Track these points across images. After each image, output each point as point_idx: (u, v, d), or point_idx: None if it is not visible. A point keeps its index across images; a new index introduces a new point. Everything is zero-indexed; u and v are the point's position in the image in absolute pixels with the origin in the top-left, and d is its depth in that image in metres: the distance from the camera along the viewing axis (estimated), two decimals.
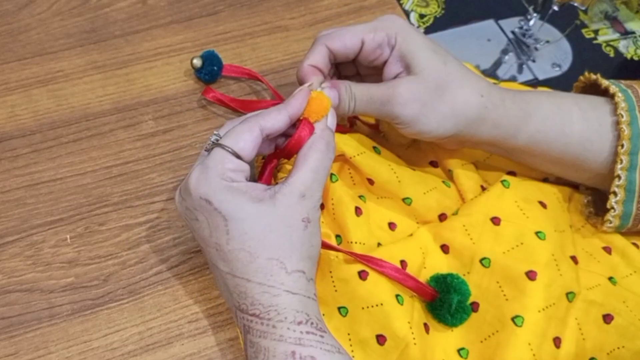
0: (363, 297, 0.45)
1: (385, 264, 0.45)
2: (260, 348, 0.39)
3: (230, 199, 0.41)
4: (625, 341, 0.45)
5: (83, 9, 0.64)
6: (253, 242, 0.40)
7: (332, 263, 0.46)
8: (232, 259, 0.41)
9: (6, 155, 0.54)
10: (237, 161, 0.42)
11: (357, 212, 0.48)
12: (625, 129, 0.46)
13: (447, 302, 0.45)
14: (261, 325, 0.40)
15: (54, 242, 0.50)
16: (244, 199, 0.41)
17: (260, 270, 0.40)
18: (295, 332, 0.39)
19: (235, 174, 0.42)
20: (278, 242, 0.41)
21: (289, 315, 0.39)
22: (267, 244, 0.41)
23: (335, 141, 0.50)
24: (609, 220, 0.48)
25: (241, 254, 0.41)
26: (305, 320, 0.40)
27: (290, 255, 0.41)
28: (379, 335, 0.44)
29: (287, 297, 0.40)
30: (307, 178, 0.42)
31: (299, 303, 0.40)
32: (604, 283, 0.47)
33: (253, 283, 0.40)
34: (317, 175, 0.43)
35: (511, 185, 0.50)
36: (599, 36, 0.67)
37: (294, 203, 0.41)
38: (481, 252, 0.47)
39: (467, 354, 0.46)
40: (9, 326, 0.46)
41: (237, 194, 0.41)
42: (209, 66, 0.58)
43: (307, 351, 0.38)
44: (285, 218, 0.41)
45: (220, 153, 0.42)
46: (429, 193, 0.51)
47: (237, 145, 0.42)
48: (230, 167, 0.42)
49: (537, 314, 0.44)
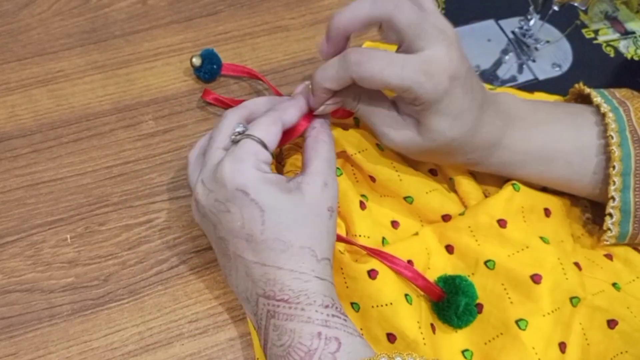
0: (372, 296, 0.45)
1: (398, 260, 0.45)
2: (286, 330, 0.40)
3: (265, 189, 0.42)
4: (629, 346, 0.45)
5: (83, 9, 0.64)
6: (287, 232, 0.42)
7: (343, 260, 0.46)
8: (264, 248, 0.42)
9: (6, 155, 0.54)
10: (266, 152, 0.43)
11: (361, 206, 0.48)
12: (616, 150, 0.46)
13: (454, 304, 0.45)
14: (289, 309, 0.41)
15: (54, 242, 0.50)
16: (277, 190, 0.42)
17: (293, 257, 0.41)
18: (323, 314, 0.40)
19: (266, 166, 0.43)
20: (309, 231, 0.42)
21: (317, 299, 0.41)
22: (300, 233, 0.42)
23: (337, 137, 0.51)
24: (604, 240, 0.49)
25: (275, 243, 0.42)
26: (331, 304, 0.41)
27: (319, 243, 0.42)
28: (389, 333, 0.44)
29: (317, 283, 0.41)
30: (324, 167, 0.44)
31: (327, 288, 0.42)
32: (608, 289, 0.47)
33: (284, 270, 0.41)
34: (331, 164, 0.45)
35: (521, 189, 0.49)
36: (599, 36, 0.67)
37: (319, 193, 0.43)
38: (486, 254, 0.47)
39: (472, 356, 0.46)
40: (9, 326, 0.46)
41: (271, 184, 0.42)
42: (208, 65, 0.58)
43: (332, 332, 0.39)
44: (314, 208, 0.43)
45: (251, 144, 0.43)
46: (431, 193, 0.51)
47: (267, 137, 0.44)
48: (262, 158, 0.43)
49: (542, 318, 0.44)
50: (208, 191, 0.43)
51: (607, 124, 0.47)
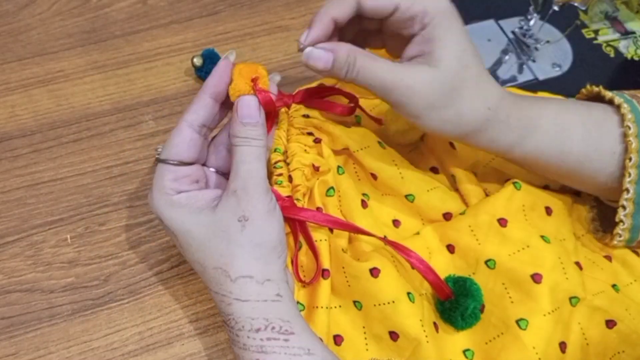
0: (375, 295, 0.45)
1: (411, 252, 0.45)
2: (236, 355, 0.40)
3: (172, 214, 0.41)
4: (626, 347, 0.45)
5: (83, 9, 0.64)
6: (199, 254, 0.41)
7: (345, 259, 0.46)
8: (194, 269, 0.42)
9: (6, 155, 0.54)
10: (176, 169, 0.42)
11: (363, 205, 0.49)
12: (633, 141, 0.45)
13: (462, 306, 0.45)
14: (230, 333, 0.40)
15: (54, 242, 0.50)
16: (184, 212, 0.41)
17: (212, 280, 0.41)
18: (256, 340, 0.39)
19: (177, 183, 0.42)
20: (218, 249, 0.40)
21: (245, 324, 0.39)
22: (209, 253, 0.40)
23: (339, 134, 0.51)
24: (618, 234, 0.47)
25: (195, 265, 0.42)
26: (264, 326, 0.39)
27: (231, 261, 0.40)
28: (391, 332, 0.44)
29: (238, 306, 0.40)
30: (239, 172, 0.41)
31: (252, 310, 0.39)
32: (608, 290, 0.47)
33: (212, 292, 0.41)
34: (247, 166, 0.41)
35: (522, 187, 0.49)
36: (599, 36, 0.67)
37: (228, 204, 0.40)
38: (486, 254, 0.47)
39: (473, 355, 0.46)
40: (9, 326, 0.46)
41: (177, 207, 0.41)
42: (209, 65, 0.58)
43: (270, 358, 0.38)
44: (222, 223, 0.40)
45: (159, 168, 0.43)
46: (432, 191, 0.51)
47: (170, 153, 0.42)
48: (170, 177, 0.42)
49: (543, 317, 0.44)
50: None
51: (623, 115, 0.45)
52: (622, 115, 0.46)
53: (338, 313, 0.46)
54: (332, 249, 0.47)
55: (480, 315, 0.46)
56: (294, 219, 0.46)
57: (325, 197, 0.48)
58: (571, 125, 0.46)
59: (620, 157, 0.46)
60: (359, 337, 0.45)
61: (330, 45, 0.43)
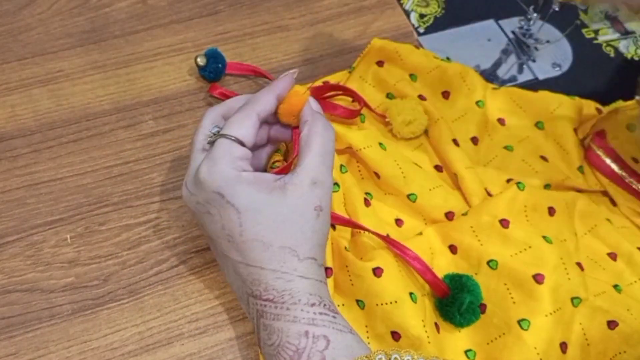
0: (377, 294, 0.45)
1: (409, 251, 0.46)
2: (274, 330, 0.40)
3: (241, 190, 0.41)
4: (628, 347, 0.45)
5: (83, 9, 0.64)
6: (266, 232, 0.41)
7: (348, 258, 0.46)
8: (245, 249, 0.42)
9: (6, 155, 0.54)
10: (242, 149, 0.43)
11: (365, 204, 0.49)
12: None
13: (458, 301, 0.45)
14: (275, 308, 0.40)
15: (54, 242, 0.50)
16: (255, 190, 0.42)
17: (274, 258, 0.41)
18: (309, 313, 0.40)
19: (243, 162, 0.43)
20: (290, 231, 0.41)
21: (302, 298, 0.40)
22: (280, 234, 0.41)
23: (342, 133, 0.51)
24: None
25: (255, 243, 0.41)
26: (318, 302, 0.40)
27: (302, 243, 0.42)
28: (393, 331, 0.44)
29: (300, 282, 0.41)
30: (314, 164, 0.43)
31: (312, 287, 0.41)
32: (609, 290, 0.47)
33: (267, 270, 0.41)
34: (324, 159, 0.43)
35: (526, 188, 0.49)
36: (599, 36, 0.67)
37: (305, 192, 0.42)
38: (488, 254, 0.47)
39: (475, 356, 0.46)
40: (9, 326, 0.46)
41: (248, 184, 0.42)
42: (213, 64, 0.58)
43: (320, 331, 0.39)
44: (298, 208, 0.42)
45: (226, 143, 0.43)
46: (434, 190, 0.51)
47: (240, 133, 0.43)
48: (238, 155, 0.43)
49: (545, 318, 0.44)
50: (190, 194, 0.44)
51: None
52: None
53: (341, 311, 0.46)
54: (334, 247, 0.47)
55: (479, 312, 0.46)
56: None
57: None
58: None
59: None
60: (362, 336, 0.45)
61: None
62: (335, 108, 0.52)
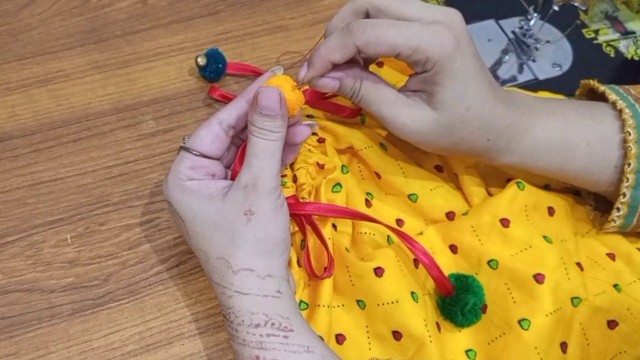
0: (378, 294, 0.45)
1: (417, 245, 0.46)
2: (234, 351, 0.40)
3: (181, 198, 0.42)
4: (628, 347, 0.45)
5: (83, 9, 0.64)
6: (204, 242, 0.41)
7: (349, 258, 0.46)
8: (197, 257, 0.43)
9: (6, 155, 0.54)
10: (195, 158, 0.43)
11: (366, 204, 0.49)
12: (633, 147, 0.45)
13: (462, 301, 0.45)
14: (229, 328, 0.40)
15: (55, 242, 0.50)
16: (194, 197, 0.42)
17: (214, 270, 0.41)
18: (255, 335, 0.38)
19: (193, 171, 0.43)
20: (223, 240, 0.40)
21: (245, 319, 0.39)
22: (214, 243, 0.41)
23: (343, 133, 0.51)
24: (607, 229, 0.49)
25: (199, 253, 0.42)
26: (264, 322, 0.39)
27: (234, 253, 0.40)
28: (395, 331, 0.44)
29: (239, 299, 0.40)
30: (251, 166, 0.41)
31: (253, 304, 0.39)
32: (609, 290, 0.47)
33: (214, 283, 0.41)
34: (261, 160, 0.41)
35: (525, 188, 0.49)
36: (599, 36, 0.67)
37: (236, 197, 0.41)
38: (489, 254, 0.47)
39: (475, 355, 0.46)
40: (10, 326, 0.46)
41: (188, 192, 0.42)
42: (213, 64, 0.58)
43: (270, 355, 0.38)
44: (229, 214, 0.41)
45: (181, 154, 0.44)
46: (435, 190, 0.51)
47: (194, 144, 0.43)
48: (188, 164, 0.43)
49: (545, 318, 0.44)
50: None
51: (624, 120, 0.46)
52: (623, 121, 0.46)
53: (341, 312, 0.46)
54: (335, 247, 0.47)
55: (481, 314, 0.46)
56: (299, 214, 0.46)
57: (331, 193, 0.48)
58: (576, 146, 0.46)
59: (620, 169, 0.46)
60: (362, 336, 0.45)
61: (336, 74, 0.43)
62: (335, 108, 0.52)
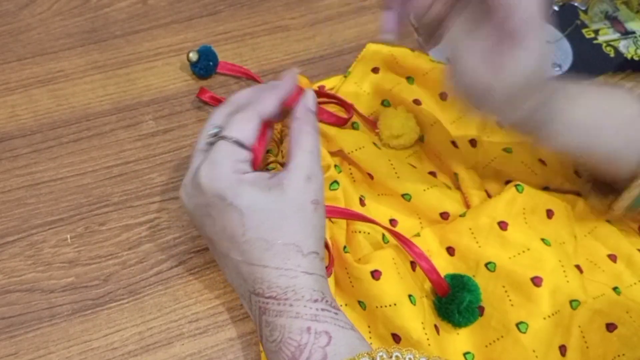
0: (376, 297, 0.45)
1: (416, 248, 0.46)
2: (276, 326, 0.40)
3: (242, 192, 0.42)
4: (627, 350, 0.45)
5: (83, 9, 0.64)
6: (269, 230, 0.41)
7: (347, 259, 0.46)
8: (247, 248, 0.42)
9: (6, 155, 0.54)
10: (243, 151, 0.43)
11: (360, 203, 0.49)
12: None
13: (458, 299, 0.45)
14: (277, 305, 0.41)
15: (55, 242, 0.50)
16: (255, 190, 0.42)
17: (277, 255, 0.41)
18: (312, 309, 0.40)
19: (244, 165, 0.43)
20: (292, 227, 0.42)
21: (305, 294, 0.40)
22: (283, 230, 0.42)
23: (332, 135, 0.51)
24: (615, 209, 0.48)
25: (258, 242, 0.42)
26: (321, 298, 0.41)
27: (305, 238, 0.42)
28: (393, 334, 0.45)
29: (304, 278, 0.41)
30: (307, 160, 0.43)
31: (315, 282, 0.41)
32: (608, 293, 0.47)
33: (270, 268, 0.41)
34: (314, 156, 0.44)
35: (524, 190, 0.49)
36: (599, 36, 0.67)
37: (301, 187, 0.42)
38: (486, 256, 0.47)
39: (473, 358, 0.46)
40: (10, 326, 0.46)
41: (248, 186, 0.42)
42: (204, 61, 0.58)
43: (322, 327, 0.39)
44: (296, 203, 0.42)
45: (227, 145, 0.43)
46: (428, 190, 0.51)
47: (242, 135, 0.43)
48: (240, 158, 0.43)
49: (543, 321, 0.44)
50: (189, 196, 0.44)
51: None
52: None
53: (344, 311, 0.46)
54: (334, 248, 0.47)
55: (478, 312, 0.46)
56: None
57: (329, 191, 0.48)
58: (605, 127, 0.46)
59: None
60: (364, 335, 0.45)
61: None
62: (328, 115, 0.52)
